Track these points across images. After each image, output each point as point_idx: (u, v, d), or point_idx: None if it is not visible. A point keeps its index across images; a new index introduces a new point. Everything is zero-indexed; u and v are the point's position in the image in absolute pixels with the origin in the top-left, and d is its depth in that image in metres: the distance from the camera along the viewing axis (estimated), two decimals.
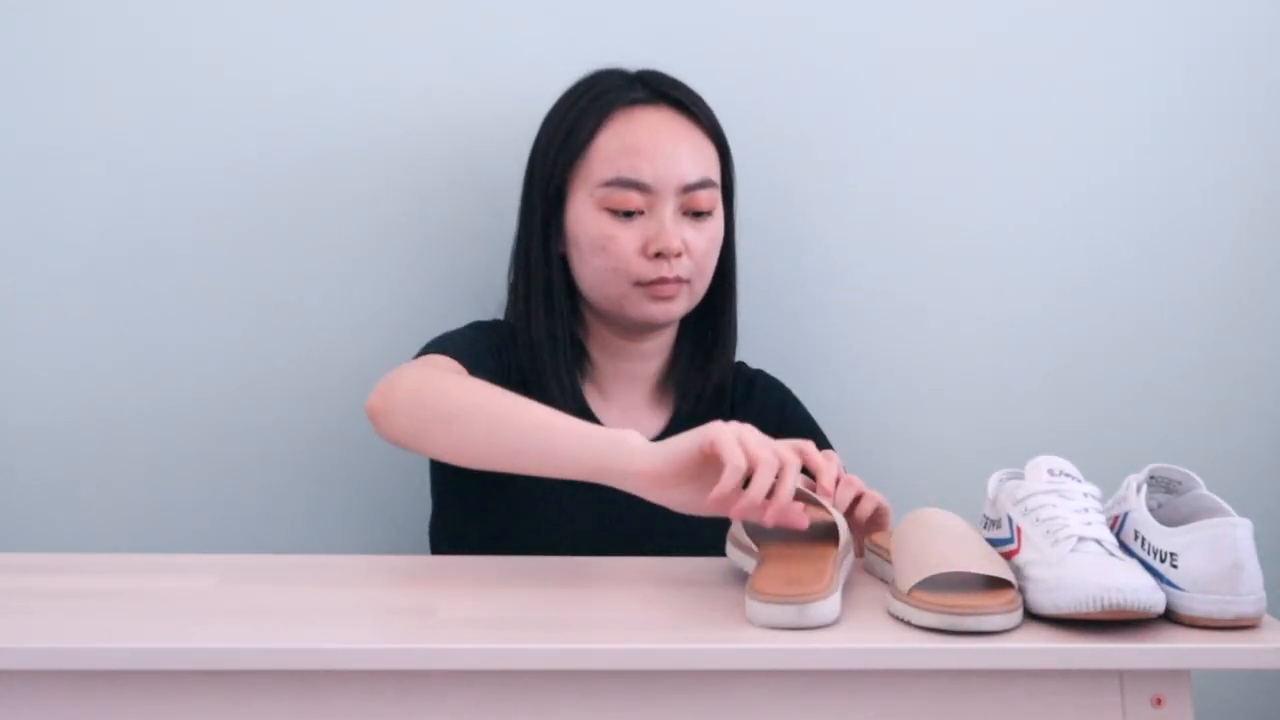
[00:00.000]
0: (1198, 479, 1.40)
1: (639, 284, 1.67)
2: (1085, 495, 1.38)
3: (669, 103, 1.71)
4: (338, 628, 1.31)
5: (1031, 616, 1.32)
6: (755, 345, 1.91)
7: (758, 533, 1.42)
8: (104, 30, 1.87)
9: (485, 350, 1.69)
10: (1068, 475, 1.40)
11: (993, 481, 1.47)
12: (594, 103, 1.70)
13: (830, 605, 1.29)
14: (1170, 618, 1.30)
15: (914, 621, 1.29)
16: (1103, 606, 1.26)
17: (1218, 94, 1.95)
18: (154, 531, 1.92)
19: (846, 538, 1.41)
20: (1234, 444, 1.98)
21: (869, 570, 1.47)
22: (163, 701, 1.26)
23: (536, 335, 1.71)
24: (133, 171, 1.89)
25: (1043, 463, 1.41)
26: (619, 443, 1.40)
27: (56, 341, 1.91)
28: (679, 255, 1.67)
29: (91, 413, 1.91)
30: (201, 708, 1.26)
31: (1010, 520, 1.40)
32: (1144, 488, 1.39)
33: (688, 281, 1.69)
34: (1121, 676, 1.29)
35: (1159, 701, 1.29)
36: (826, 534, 1.43)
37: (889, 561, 1.40)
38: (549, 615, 1.34)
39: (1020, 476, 1.43)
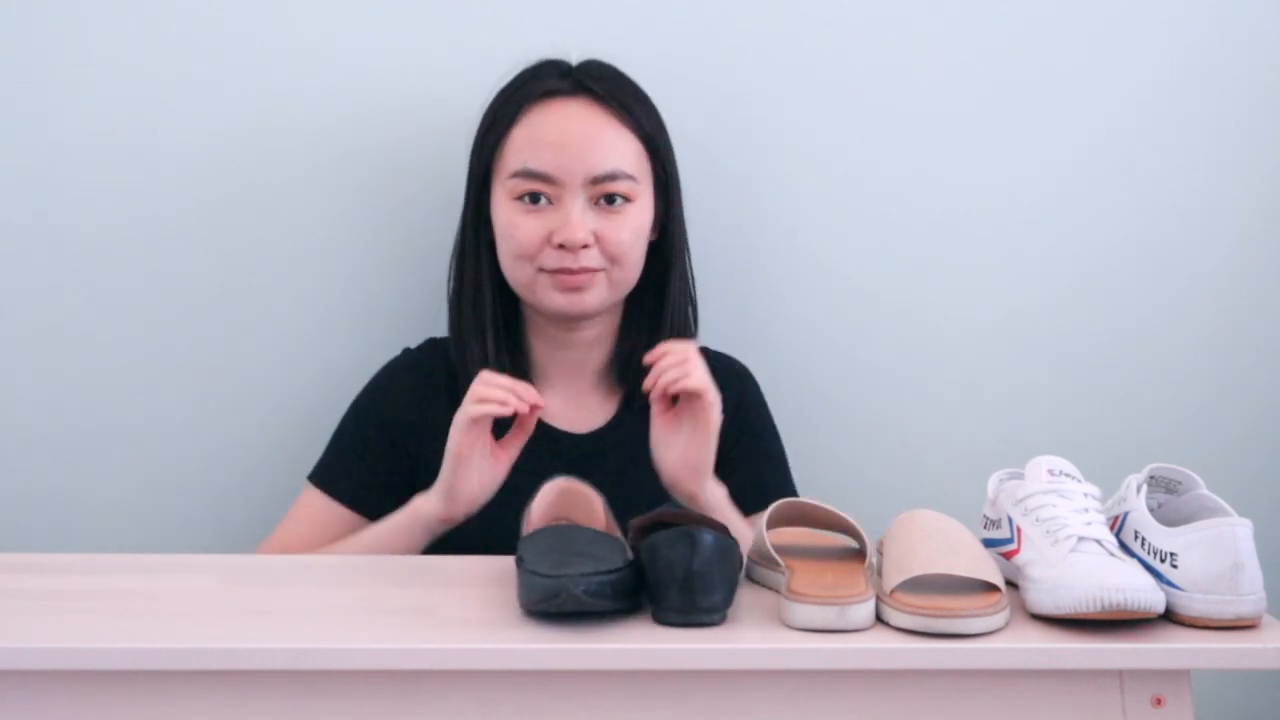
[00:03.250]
0: (1198, 479, 1.40)
1: (544, 271, 1.70)
2: (1085, 495, 1.38)
3: (590, 94, 1.72)
4: (338, 628, 1.31)
5: (1032, 616, 1.32)
6: (756, 345, 1.91)
7: (785, 549, 1.42)
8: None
9: (366, 433, 1.76)
10: (1068, 475, 1.40)
11: (993, 481, 1.46)
12: (515, 93, 1.73)
13: (868, 609, 1.30)
14: (1170, 618, 1.30)
15: (891, 622, 1.29)
16: (1103, 606, 1.26)
17: (1218, 89, 1.95)
18: (154, 532, 1.92)
19: (873, 554, 1.42)
20: (1234, 444, 1.98)
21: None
22: (163, 701, 1.26)
23: (464, 327, 1.75)
24: (127, 169, 1.89)
25: (1043, 463, 1.41)
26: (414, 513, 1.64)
27: (55, 342, 1.91)
28: (585, 247, 1.68)
29: (92, 413, 1.91)
30: (201, 708, 1.27)
31: (1010, 520, 1.40)
32: (1144, 488, 1.39)
33: (601, 271, 1.70)
34: (1121, 676, 1.29)
35: (1159, 701, 1.29)
36: (853, 553, 1.44)
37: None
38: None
39: (1020, 476, 1.43)
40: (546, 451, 1.70)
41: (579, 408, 1.76)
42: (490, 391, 1.57)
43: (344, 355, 1.91)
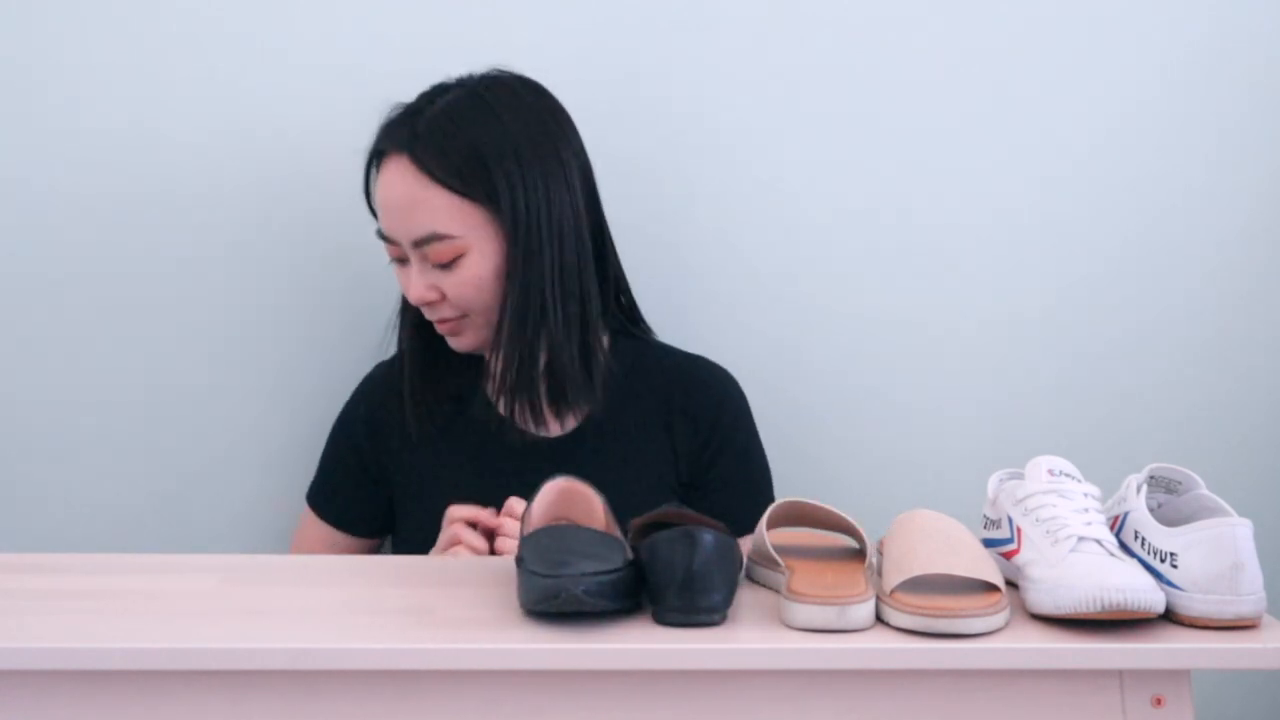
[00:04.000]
0: (1198, 479, 1.40)
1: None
2: (1085, 495, 1.38)
3: (408, 151, 1.67)
4: (338, 628, 1.31)
5: (1032, 616, 1.32)
6: (757, 346, 1.91)
7: (785, 549, 1.42)
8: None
9: (342, 454, 1.82)
10: (1068, 475, 1.40)
11: (993, 481, 1.46)
12: (372, 147, 1.73)
13: (868, 609, 1.29)
14: (1170, 618, 1.30)
15: (891, 622, 1.29)
16: (1103, 606, 1.26)
17: (1217, 89, 1.95)
18: (154, 532, 1.92)
19: (874, 554, 1.42)
20: (1234, 444, 1.98)
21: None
22: (163, 701, 1.26)
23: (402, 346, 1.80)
24: (130, 172, 1.89)
25: (1043, 463, 1.41)
26: None
27: (55, 342, 1.91)
28: (430, 304, 1.70)
29: (92, 413, 1.91)
30: (201, 708, 1.27)
31: (1010, 520, 1.40)
32: (1144, 488, 1.39)
33: (462, 317, 1.71)
34: (1121, 676, 1.29)
35: (1159, 701, 1.29)
36: (854, 553, 1.44)
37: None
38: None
39: (1020, 476, 1.43)
40: (515, 455, 1.72)
41: (543, 414, 1.75)
42: (466, 538, 1.61)
43: (344, 357, 1.91)
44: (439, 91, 1.71)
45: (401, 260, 1.71)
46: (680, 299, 1.91)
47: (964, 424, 1.97)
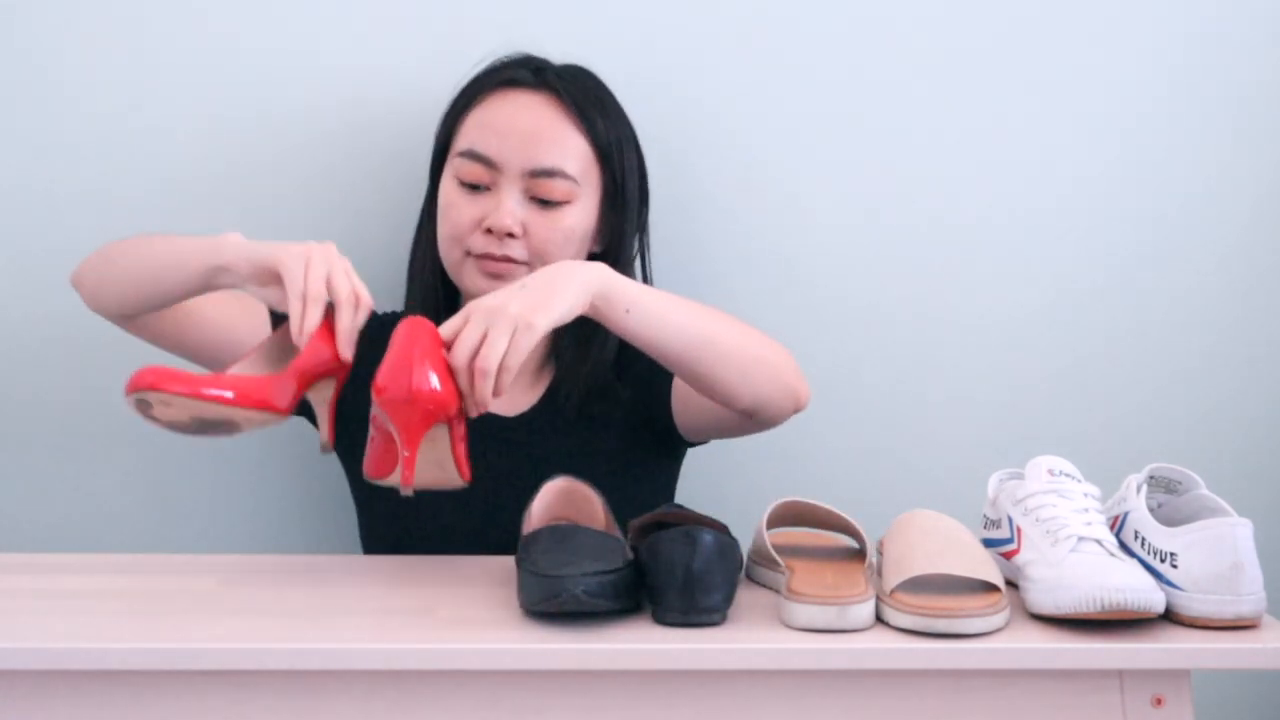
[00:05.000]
0: (1198, 479, 1.40)
1: (470, 254, 1.70)
2: (1085, 495, 1.38)
3: (550, 90, 1.71)
4: (338, 628, 1.31)
5: (1032, 616, 1.32)
6: None
7: (785, 549, 1.43)
8: None
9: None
10: (1068, 475, 1.40)
11: (993, 481, 1.47)
12: (480, 78, 1.74)
13: (868, 609, 1.30)
14: (1170, 618, 1.30)
15: (891, 622, 1.30)
16: (1103, 606, 1.26)
17: (1218, 92, 1.95)
18: (154, 531, 1.92)
19: (874, 554, 1.42)
20: (1234, 444, 1.98)
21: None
22: (163, 701, 1.26)
23: (411, 306, 1.77)
24: (120, 163, 1.89)
25: (1043, 463, 1.42)
26: (219, 241, 1.54)
27: (53, 340, 1.91)
28: (511, 235, 1.68)
29: (91, 411, 1.91)
30: (201, 708, 1.27)
31: (1010, 520, 1.40)
32: (1144, 488, 1.39)
33: (524, 264, 1.69)
34: (1121, 676, 1.29)
35: (1159, 701, 1.29)
36: (853, 553, 1.44)
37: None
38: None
39: (1020, 476, 1.43)
40: (474, 434, 1.69)
41: (509, 394, 1.70)
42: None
43: None
44: (539, 60, 1.75)
45: (477, 187, 1.70)
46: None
47: (964, 424, 1.97)
